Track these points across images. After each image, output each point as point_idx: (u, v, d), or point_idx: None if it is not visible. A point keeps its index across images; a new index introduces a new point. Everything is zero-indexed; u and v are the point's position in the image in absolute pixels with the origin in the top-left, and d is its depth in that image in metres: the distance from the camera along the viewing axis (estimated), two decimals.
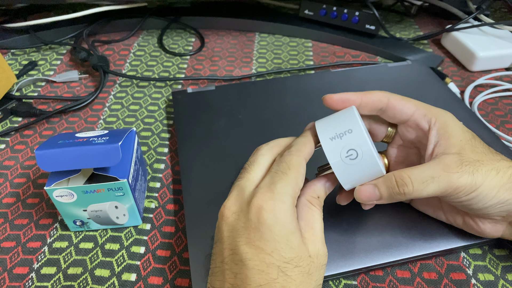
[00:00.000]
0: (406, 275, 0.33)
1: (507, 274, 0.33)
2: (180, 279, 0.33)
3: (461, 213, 0.32)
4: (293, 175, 0.26)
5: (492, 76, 0.54)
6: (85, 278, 0.33)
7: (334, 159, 0.28)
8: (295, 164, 0.27)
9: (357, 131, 0.27)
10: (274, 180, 0.26)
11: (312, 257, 0.25)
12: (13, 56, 0.61)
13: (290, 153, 0.28)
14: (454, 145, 0.29)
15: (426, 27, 0.69)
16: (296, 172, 0.27)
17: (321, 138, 0.28)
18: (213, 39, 0.65)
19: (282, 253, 0.24)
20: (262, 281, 0.24)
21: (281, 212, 0.25)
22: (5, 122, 0.49)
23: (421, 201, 0.34)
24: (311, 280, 0.25)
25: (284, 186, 0.26)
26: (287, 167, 0.27)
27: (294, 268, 0.24)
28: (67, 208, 0.34)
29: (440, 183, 0.27)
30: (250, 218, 0.25)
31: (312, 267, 0.25)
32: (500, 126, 0.47)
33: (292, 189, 0.26)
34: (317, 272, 0.26)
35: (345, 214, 0.35)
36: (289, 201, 0.26)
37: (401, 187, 0.27)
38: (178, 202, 0.39)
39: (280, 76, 0.57)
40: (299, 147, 0.28)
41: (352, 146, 0.27)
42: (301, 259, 0.25)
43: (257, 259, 0.24)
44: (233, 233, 0.26)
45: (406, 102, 0.31)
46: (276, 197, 0.25)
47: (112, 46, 0.64)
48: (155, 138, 0.47)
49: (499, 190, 0.27)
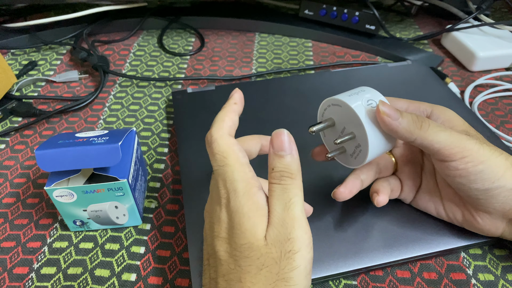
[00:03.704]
0: (406, 275, 0.33)
1: (507, 274, 0.33)
2: (180, 279, 0.33)
3: (461, 208, 0.32)
4: (232, 161, 0.25)
5: (492, 76, 0.54)
6: (85, 278, 0.33)
7: (358, 105, 0.28)
8: (225, 149, 0.25)
9: (369, 90, 0.29)
10: (222, 176, 0.25)
11: (269, 246, 0.23)
12: (13, 56, 0.61)
13: (214, 140, 0.26)
14: (458, 125, 0.30)
15: (426, 27, 0.69)
16: (232, 155, 0.25)
17: (340, 97, 0.29)
18: (213, 39, 0.65)
19: (235, 240, 0.24)
20: (225, 271, 0.24)
21: (236, 200, 0.24)
22: (5, 122, 0.49)
23: (423, 197, 0.34)
24: (269, 273, 0.22)
25: (231, 176, 0.25)
26: (222, 157, 0.25)
27: (245, 259, 0.23)
28: (67, 208, 0.34)
29: (452, 134, 0.27)
30: (219, 215, 0.25)
31: (268, 258, 0.23)
32: (500, 126, 0.47)
33: (240, 174, 0.25)
34: (277, 264, 0.23)
35: (345, 214, 0.35)
36: (240, 186, 0.24)
37: (420, 119, 0.28)
38: (178, 202, 0.39)
39: (280, 76, 0.57)
40: (216, 128, 0.26)
41: (370, 98, 0.28)
42: (252, 247, 0.23)
43: (222, 249, 0.24)
44: (210, 230, 0.26)
45: (397, 100, 0.32)
46: (230, 189, 0.24)
47: (112, 46, 0.64)
48: (155, 138, 0.47)
49: (505, 171, 0.28)
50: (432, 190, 0.33)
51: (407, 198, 0.35)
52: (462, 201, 0.32)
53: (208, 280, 0.25)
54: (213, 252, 0.25)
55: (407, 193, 0.34)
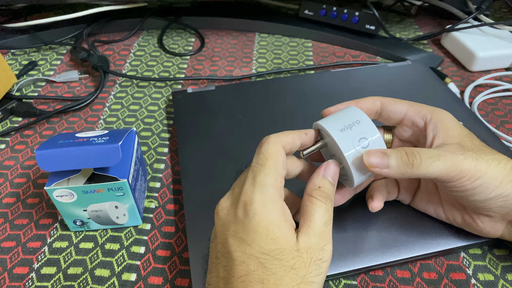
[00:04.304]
0: (406, 275, 0.33)
1: (507, 274, 0.33)
2: (180, 279, 0.33)
3: (460, 211, 0.32)
4: (271, 165, 0.26)
5: (492, 76, 0.54)
6: (85, 278, 0.33)
7: (348, 149, 0.28)
8: (272, 153, 0.27)
9: (365, 121, 0.29)
10: (254, 174, 0.26)
11: (300, 251, 0.25)
12: (13, 56, 0.61)
13: (267, 142, 0.28)
14: (453, 136, 0.29)
15: (426, 27, 0.69)
16: (274, 161, 0.27)
17: (331, 131, 0.28)
18: (213, 39, 0.65)
19: (261, 244, 0.24)
20: (242, 272, 0.24)
21: (261, 203, 0.25)
22: (5, 122, 0.49)
23: (422, 199, 0.34)
24: (295, 275, 0.24)
25: (263, 178, 0.26)
26: (264, 158, 0.27)
27: (274, 261, 0.24)
28: (67, 208, 0.34)
29: (446, 161, 0.27)
30: (236, 212, 0.26)
31: (299, 261, 0.24)
32: (500, 126, 0.47)
33: (272, 179, 0.26)
34: (305, 267, 0.25)
35: (345, 214, 0.35)
36: (270, 191, 0.26)
37: (410, 157, 0.27)
38: (178, 202, 0.39)
39: (280, 76, 0.57)
40: (277, 135, 0.28)
41: (363, 135, 0.28)
42: (284, 252, 0.24)
43: (239, 250, 0.25)
44: (224, 227, 0.26)
45: (397, 103, 0.32)
46: (256, 189, 0.26)
47: (112, 46, 0.64)
48: (155, 138, 0.47)
49: (502, 180, 0.27)
50: (431, 193, 0.33)
51: (404, 199, 0.35)
52: (461, 205, 0.32)
53: (215, 279, 0.25)
54: (227, 251, 0.25)
55: (404, 196, 0.35)
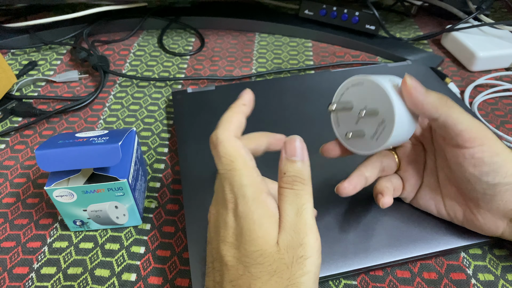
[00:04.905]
0: (406, 275, 0.33)
1: (507, 274, 0.33)
2: (180, 279, 0.33)
3: (462, 206, 0.32)
4: (240, 166, 0.24)
5: (492, 76, 0.54)
6: (85, 278, 0.33)
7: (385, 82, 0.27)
8: (232, 153, 0.25)
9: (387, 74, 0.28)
10: (229, 180, 0.25)
11: (281, 252, 0.23)
12: (13, 56, 0.61)
13: (220, 142, 0.25)
14: None
15: (426, 27, 0.69)
16: (240, 159, 0.25)
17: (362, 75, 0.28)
18: (213, 39, 0.65)
19: (245, 246, 0.23)
20: (233, 277, 0.24)
21: (243, 205, 0.24)
22: (5, 122, 0.49)
23: (424, 196, 0.34)
24: (280, 278, 0.22)
25: (239, 181, 0.24)
26: (229, 161, 0.25)
27: (257, 266, 0.23)
28: (67, 208, 0.34)
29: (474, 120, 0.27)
30: (224, 218, 0.25)
31: (280, 263, 0.23)
32: (500, 126, 0.47)
33: (248, 179, 0.24)
34: (288, 269, 0.23)
35: (345, 214, 0.35)
36: (249, 191, 0.24)
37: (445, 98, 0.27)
38: (178, 202, 0.39)
39: (280, 76, 0.57)
40: (223, 128, 0.26)
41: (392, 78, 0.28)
42: (264, 254, 0.23)
43: (229, 254, 0.24)
44: (215, 233, 0.26)
45: None
46: (237, 194, 0.24)
47: (112, 46, 0.64)
48: (155, 138, 0.47)
49: None
50: (433, 188, 0.33)
51: (408, 197, 0.35)
52: (463, 199, 0.32)
53: (212, 283, 0.25)
54: (219, 256, 0.25)
55: (409, 192, 0.35)
